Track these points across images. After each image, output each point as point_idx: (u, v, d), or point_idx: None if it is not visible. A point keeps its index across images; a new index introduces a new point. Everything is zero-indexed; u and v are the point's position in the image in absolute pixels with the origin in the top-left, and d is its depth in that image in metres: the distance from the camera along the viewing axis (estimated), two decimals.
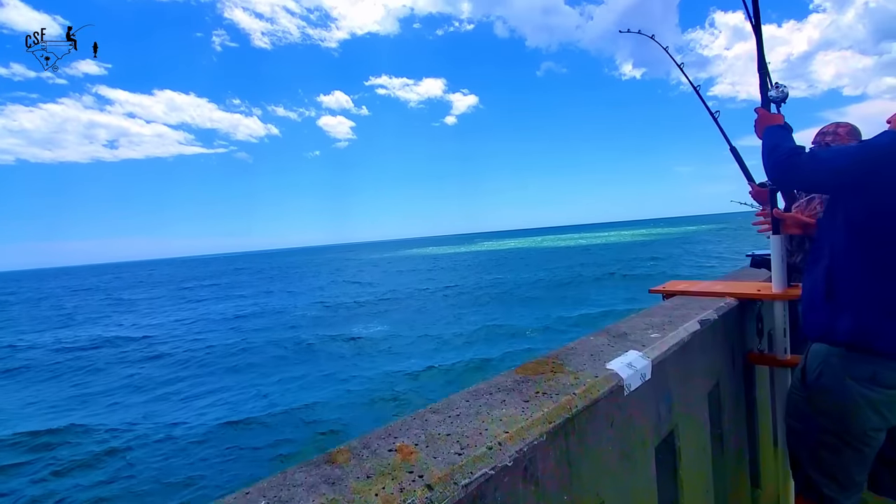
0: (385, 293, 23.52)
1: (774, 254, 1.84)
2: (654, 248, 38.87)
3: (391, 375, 9.58)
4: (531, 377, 1.16)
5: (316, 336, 14.06)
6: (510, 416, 0.92)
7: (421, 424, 0.93)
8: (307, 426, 7.30)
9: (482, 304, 18.15)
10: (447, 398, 1.06)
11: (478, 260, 46.72)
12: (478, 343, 11.90)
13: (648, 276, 20.99)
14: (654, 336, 1.44)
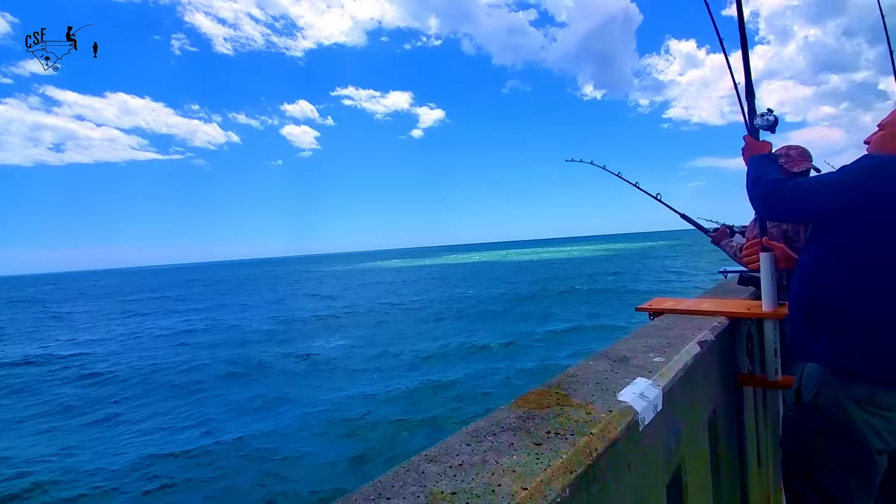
0: (345, 307, 22.73)
1: (764, 272, 1.82)
2: (615, 263, 40.20)
3: (349, 399, 8.86)
4: (536, 412, 1.03)
5: (269, 353, 13.22)
6: (524, 466, 0.79)
7: (417, 478, 0.77)
8: (254, 463, 6.53)
9: (445, 318, 17.71)
10: (444, 441, 0.91)
11: (442, 273, 46.45)
12: (441, 361, 11.34)
13: (611, 290, 21.58)
14: (658, 360, 1.35)
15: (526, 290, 24.26)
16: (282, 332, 17.08)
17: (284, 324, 18.87)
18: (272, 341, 15.28)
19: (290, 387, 9.98)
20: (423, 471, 0.80)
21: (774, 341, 1.81)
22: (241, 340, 15.78)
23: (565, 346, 12.12)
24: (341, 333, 15.89)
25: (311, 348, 13.53)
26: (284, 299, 29.91)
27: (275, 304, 27.34)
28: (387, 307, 21.77)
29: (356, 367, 11.20)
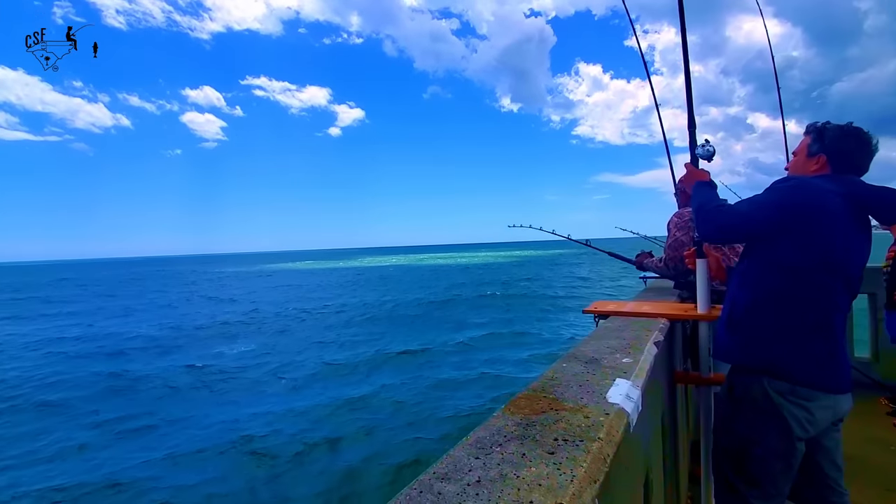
0: (247, 312, 20.88)
1: (700, 277, 2.00)
2: (528, 269, 42.30)
3: (248, 418, 7.77)
4: (534, 418, 0.98)
5: (154, 365, 11.58)
6: (547, 478, 0.73)
7: (436, 500, 0.68)
8: (133, 499, 5.48)
9: (357, 324, 16.84)
10: (449, 456, 0.83)
11: (357, 276, 45.00)
12: (352, 371, 10.55)
13: (524, 295, 22.64)
14: (627, 361, 1.38)
15: (442, 296, 24.13)
16: (171, 339, 15.04)
17: (175, 330, 16.69)
18: (159, 351, 13.42)
19: (180, 404, 8.73)
20: (438, 491, 0.71)
21: (708, 341, 1.98)
22: (120, 350, 13.61)
23: (481, 351, 12.04)
24: (241, 341, 14.49)
25: (205, 358, 12.20)
26: (176, 303, 26.78)
27: (165, 307, 24.32)
28: (293, 312, 20.37)
29: (257, 380, 10.13)
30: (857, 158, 1.51)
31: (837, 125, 1.56)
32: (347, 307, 21.33)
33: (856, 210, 1.43)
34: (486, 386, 8.93)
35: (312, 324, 17.44)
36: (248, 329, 16.60)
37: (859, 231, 1.44)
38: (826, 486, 1.55)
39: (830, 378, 1.42)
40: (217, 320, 18.68)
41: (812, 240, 1.41)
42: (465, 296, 23.76)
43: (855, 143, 1.51)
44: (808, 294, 1.43)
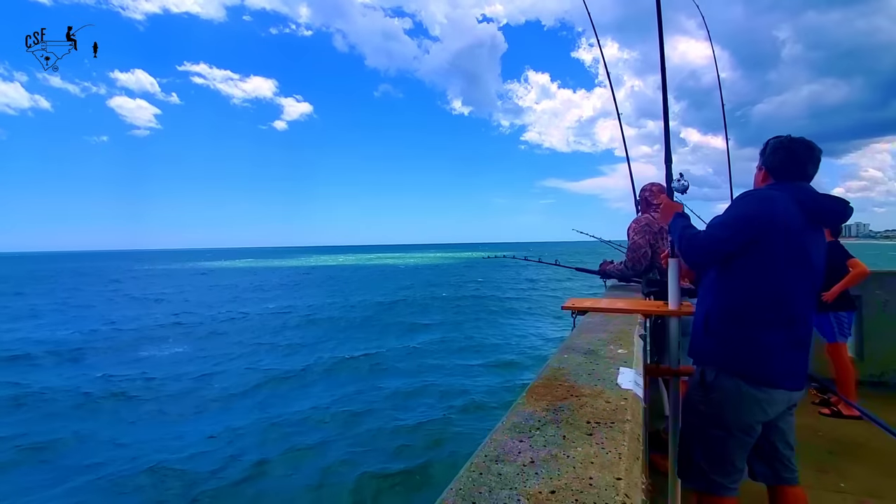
0: (176, 314, 18.91)
1: (671, 276, 2.15)
2: (477, 271, 42.61)
3: (163, 442, 6.44)
4: (559, 403, 1.03)
5: (56, 376, 10.00)
6: (595, 457, 0.77)
7: (499, 481, 0.70)
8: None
9: (300, 328, 15.52)
10: (492, 440, 0.85)
11: (301, 276, 42.45)
12: (290, 382, 9.36)
13: (474, 297, 22.78)
14: (622, 352, 1.47)
15: (391, 297, 23.08)
16: (84, 344, 13.15)
17: (90, 335, 14.61)
18: (66, 357, 11.74)
19: (87, 421, 7.46)
20: (498, 472, 0.73)
21: (678, 335, 2.14)
22: (19, 355, 11.77)
23: (432, 356, 11.21)
24: (166, 347, 13.02)
25: (122, 366, 10.71)
26: (94, 302, 24.08)
27: (80, 308, 22.03)
28: (227, 314, 18.70)
29: (182, 392, 8.86)
30: (792, 167, 1.66)
31: (774, 140, 1.71)
32: (289, 309, 19.84)
33: (807, 215, 1.59)
34: (438, 395, 8.35)
35: (248, 326, 16.04)
36: (176, 333, 14.99)
37: (814, 234, 1.62)
38: (780, 463, 1.73)
39: (792, 378, 1.58)
40: (141, 323, 16.73)
41: (774, 246, 1.56)
42: (415, 298, 22.81)
43: (785, 154, 1.66)
44: (773, 299, 1.56)
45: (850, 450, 2.91)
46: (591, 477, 0.71)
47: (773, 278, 1.55)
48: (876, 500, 2.34)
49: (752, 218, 1.57)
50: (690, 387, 1.80)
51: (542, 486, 0.68)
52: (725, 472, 1.62)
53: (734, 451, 1.62)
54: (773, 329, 1.55)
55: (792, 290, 1.56)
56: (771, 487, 1.72)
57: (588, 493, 0.66)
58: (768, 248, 1.56)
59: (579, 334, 1.75)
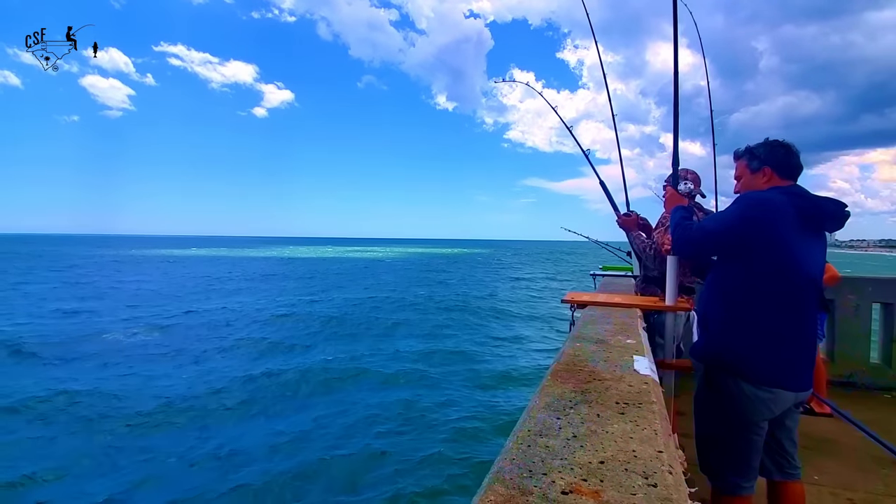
0: (129, 306, 16.61)
1: (670, 273, 2.23)
2: (461, 268, 40.91)
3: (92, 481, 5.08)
4: (585, 386, 1.07)
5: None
6: (634, 433, 0.82)
7: (550, 453, 0.73)
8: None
9: (268, 328, 13.42)
10: (530, 418, 0.88)
11: (279, 267, 40.72)
12: (255, 398, 7.68)
13: (460, 300, 19.88)
14: (631, 342, 1.53)
15: (373, 294, 21.06)
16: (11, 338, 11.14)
17: (20, 326, 12.60)
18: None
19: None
20: (545, 445, 0.76)
21: (674, 330, 2.23)
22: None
23: (413, 369, 9.44)
24: (107, 347, 10.92)
25: (51, 369, 9.05)
26: (42, 291, 21.01)
27: (24, 296, 19.20)
28: (179, 313, 16.11)
29: (112, 411, 7.03)
30: (791, 164, 1.72)
31: (761, 143, 1.76)
32: (255, 306, 17.56)
33: (807, 219, 1.61)
34: (422, 427, 6.62)
35: (204, 323, 14.08)
36: (127, 328, 12.96)
37: (814, 238, 1.64)
38: (784, 458, 1.75)
39: (794, 379, 1.59)
40: (85, 316, 14.73)
41: (773, 250, 1.57)
42: (398, 298, 20.24)
43: (784, 151, 1.72)
44: (774, 301, 1.57)
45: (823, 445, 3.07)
46: (634, 450, 0.75)
47: (773, 280, 1.56)
48: (849, 492, 2.48)
49: (750, 219, 1.58)
50: (697, 387, 1.80)
51: (590, 458, 0.72)
52: (740, 472, 1.62)
53: (745, 450, 1.62)
54: (773, 330, 1.56)
55: (793, 292, 1.57)
56: (771, 481, 1.74)
57: (634, 463, 0.71)
58: (768, 251, 1.57)
59: (585, 325, 1.81)
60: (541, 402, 0.96)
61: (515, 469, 0.68)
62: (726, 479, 1.63)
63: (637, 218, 2.74)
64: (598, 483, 0.65)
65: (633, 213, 2.84)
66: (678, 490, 0.64)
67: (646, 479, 0.66)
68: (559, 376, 1.14)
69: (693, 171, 2.79)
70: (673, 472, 0.69)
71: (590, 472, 0.68)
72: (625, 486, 0.64)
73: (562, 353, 1.38)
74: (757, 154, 1.76)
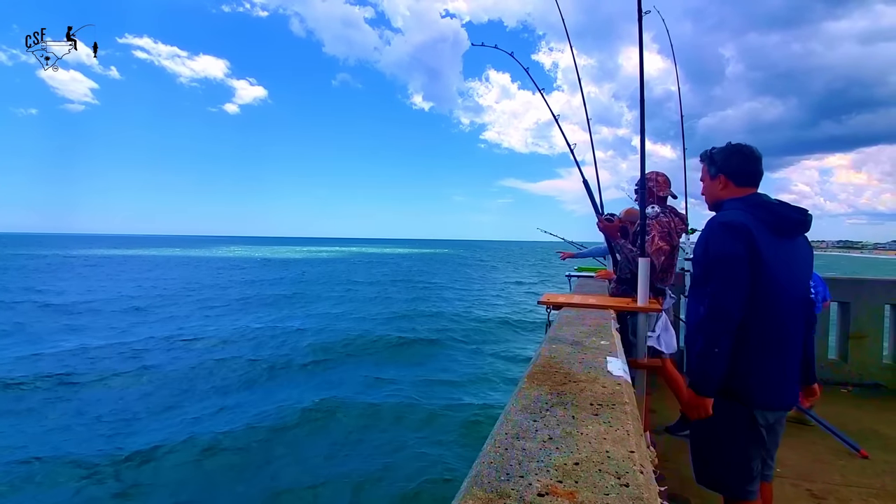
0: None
1: (642, 275, 2.30)
2: (441, 269, 39.02)
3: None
4: (560, 388, 1.10)
5: None
6: (607, 434, 0.85)
7: (526, 455, 0.75)
8: None
9: (213, 352, 10.22)
10: (508, 420, 0.90)
11: (244, 268, 37.38)
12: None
13: (438, 310, 16.26)
14: (605, 343, 1.58)
15: (345, 310, 16.64)
16: None
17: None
18: None
19: None
20: (522, 448, 0.78)
21: (645, 330, 2.30)
22: None
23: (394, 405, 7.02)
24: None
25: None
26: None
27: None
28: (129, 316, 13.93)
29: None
30: (748, 171, 1.71)
31: (722, 147, 1.72)
32: (203, 323, 13.77)
33: (773, 230, 1.58)
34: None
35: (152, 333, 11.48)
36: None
37: (790, 245, 1.61)
38: (765, 462, 1.73)
39: (783, 397, 1.63)
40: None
41: (752, 275, 1.53)
42: (376, 314, 15.77)
43: (740, 158, 1.71)
44: (761, 322, 1.56)
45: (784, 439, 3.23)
46: (608, 451, 0.78)
47: (756, 302, 1.54)
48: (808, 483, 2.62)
49: (733, 257, 1.54)
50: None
51: (565, 459, 0.74)
52: (744, 478, 1.63)
53: (748, 456, 1.63)
54: (757, 352, 1.56)
55: (773, 310, 1.56)
56: None
57: (608, 464, 0.73)
58: (747, 275, 1.54)
59: (561, 327, 1.85)
60: (518, 405, 0.98)
61: (493, 472, 0.70)
62: (732, 485, 1.65)
63: (619, 223, 2.75)
64: (574, 484, 0.67)
65: (615, 216, 2.87)
66: (649, 489, 0.67)
67: (618, 479, 0.69)
68: (536, 378, 1.17)
69: (663, 173, 2.89)
70: (644, 471, 0.72)
71: (565, 474, 0.70)
72: (598, 487, 0.66)
73: (538, 355, 1.41)
74: (715, 160, 1.75)
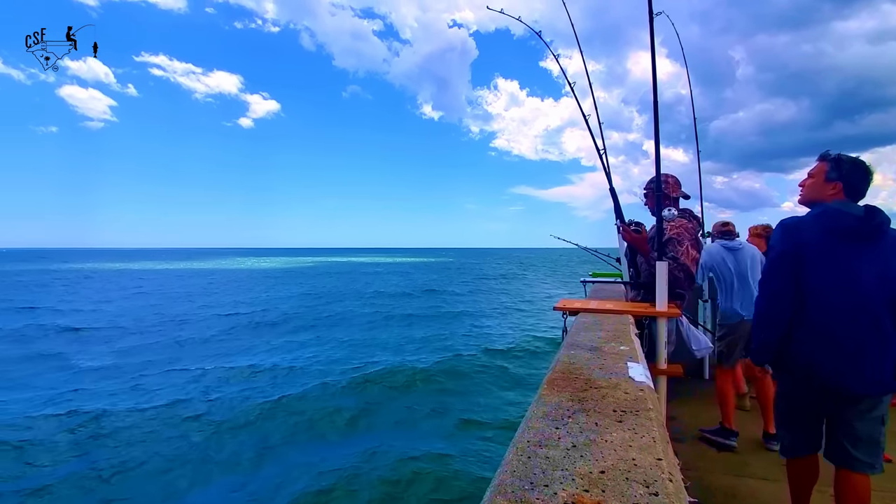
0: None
1: (660, 279, 2.26)
2: (457, 278, 37.05)
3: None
4: (581, 394, 1.08)
5: None
6: (632, 441, 0.83)
7: (551, 463, 0.74)
8: None
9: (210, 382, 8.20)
10: (530, 427, 0.89)
11: (250, 281, 35.07)
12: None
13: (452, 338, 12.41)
14: (624, 349, 1.55)
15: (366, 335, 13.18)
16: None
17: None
18: None
19: None
20: (545, 456, 0.77)
21: (665, 336, 2.25)
22: None
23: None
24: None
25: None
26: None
27: None
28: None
29: None
30: (861, 188, 1.81)
31: (850, 157, 1.81)
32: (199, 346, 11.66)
33: (835, 233, 1.73)
34: None
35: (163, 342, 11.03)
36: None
37: (851, 250, 1.72)
38: (842, 450, 1.85)
39: (840, 381, 1.72)
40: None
41: (823, 267, 1.72)
42: (388, 339, 12.66)
43: (862, 174, 1.79)
44: (809, 312, 1.73)
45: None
46: (634, 458, 0.76)
47: (826, 296, 1.72)
48: None
49: (781, 251, 1.80)
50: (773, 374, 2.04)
51: (591, 468, 0.72)
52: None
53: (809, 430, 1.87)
54: (807, 338, 1.75)
55: (818, 303, 1.73)
56: (837, 469, 1.86)
57: (635, 472, 0.71)
58: (818, 269, 1.76)
59: (579, 332, 1.82)
60: (538, 412, 0.96)
61: (517, 481, 0.68)
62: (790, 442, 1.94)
63: (646, 234, 2.71)
64: (601, 493, 0.65)
65: (642, 226, 2.81)
66: (679, 498, 0.65)
67: (647, 487, 0.67)
68: (555, 385, 1.15)
69: (673, 174, 2.87)
70: (673, 479, 0.70)
71: (591, 483, 0.68)
72: (627, 496, 0.64)
73: (556, 361, 1.39)
74: (841, 167, 1.82)
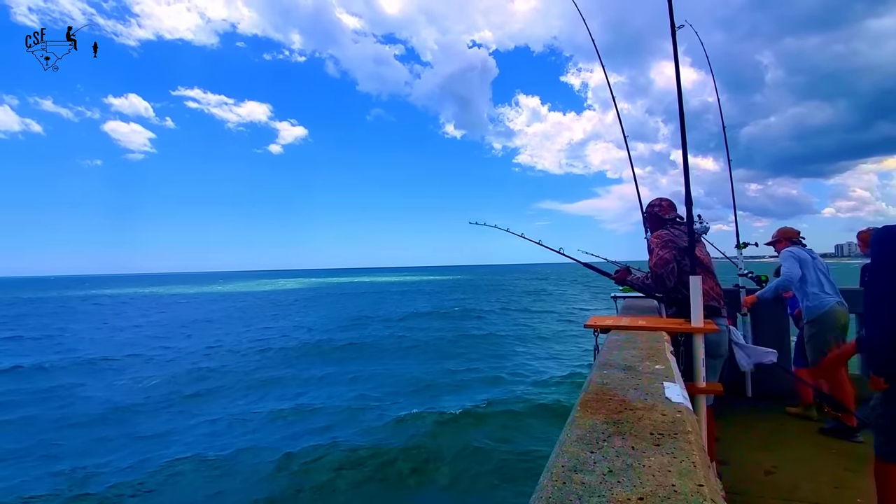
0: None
1: (694, 294, 2.20)
2: (490, 299, 35.50)
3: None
4: (617, 417, 1.06)
5: None
6: (672, 466, 0.80)
7: (586, 489, 0.73)
8: None
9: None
10: (564, 451, 0.87)
11: (277, 304, 36.37)
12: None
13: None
14: (660, 368, 1.51)
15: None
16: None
17: None
18: None
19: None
20: (581, 482, 0.76)
21: (702, 352, 2.18)
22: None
23: None
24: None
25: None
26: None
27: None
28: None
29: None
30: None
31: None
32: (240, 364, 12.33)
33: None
34: None
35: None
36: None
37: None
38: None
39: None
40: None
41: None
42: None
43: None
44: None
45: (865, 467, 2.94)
46: (674, 484, 0.74)
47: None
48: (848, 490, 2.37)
49: (885, 260, 2.06)
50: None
51: (629, 494, 0.71)
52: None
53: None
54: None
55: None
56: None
57: (675, 499, 0.69)
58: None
59: (611, 351, 1.79)
60: (573, 435, 0.95)
61: None
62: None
63: (625, 271, 3.18)
64: None
65: (623, 267, 3.25)
66: None
67: None
68: (589, 406, 1.13)
69: (668, 199, 2.93)
70: None
71: None
72: None
73: (589, 382, 1.36)
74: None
